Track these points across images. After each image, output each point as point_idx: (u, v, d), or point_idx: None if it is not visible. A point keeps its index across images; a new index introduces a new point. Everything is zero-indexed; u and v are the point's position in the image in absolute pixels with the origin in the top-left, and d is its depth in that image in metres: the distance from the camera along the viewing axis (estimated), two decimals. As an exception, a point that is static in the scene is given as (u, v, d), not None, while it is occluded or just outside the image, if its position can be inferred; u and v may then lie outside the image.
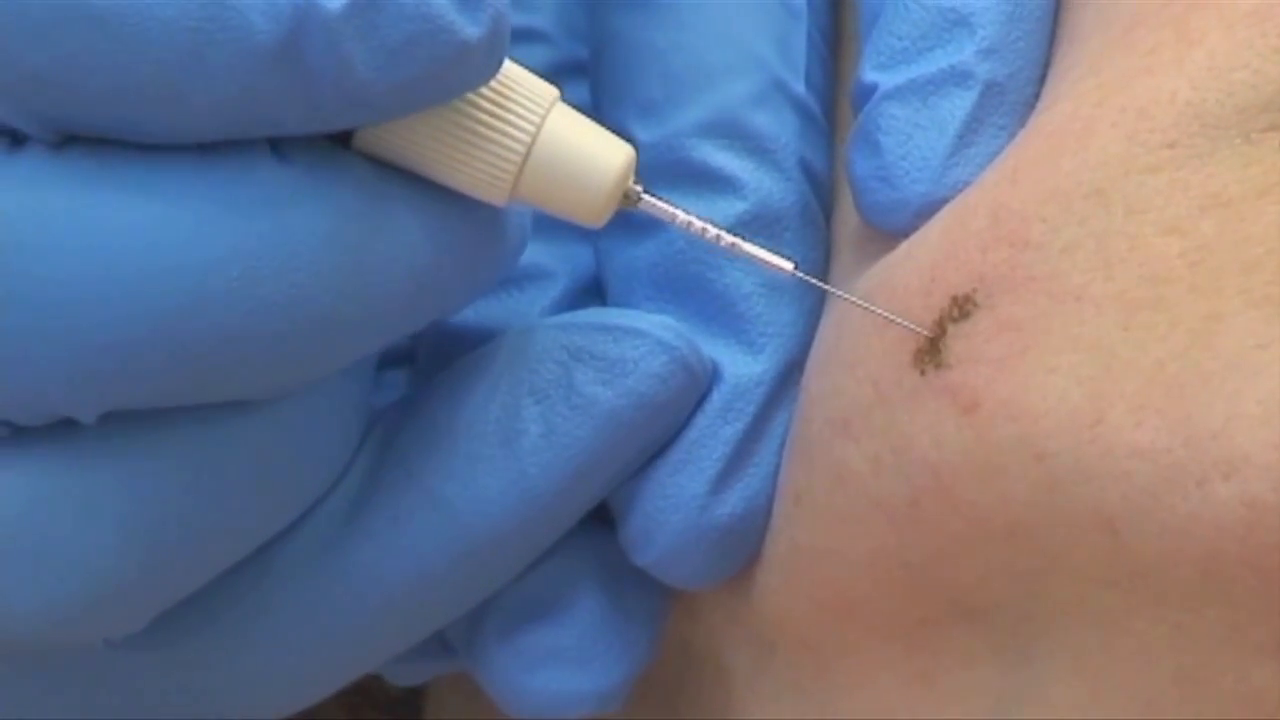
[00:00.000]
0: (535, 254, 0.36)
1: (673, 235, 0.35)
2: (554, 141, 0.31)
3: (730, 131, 0.35)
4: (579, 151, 0.31)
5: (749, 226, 0.35)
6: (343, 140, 0.30)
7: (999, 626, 0.32)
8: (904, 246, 0.33)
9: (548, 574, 0.35)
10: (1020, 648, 0.31)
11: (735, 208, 0.35)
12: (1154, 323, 0.29)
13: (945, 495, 0.31)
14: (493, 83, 0.30)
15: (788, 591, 0.34)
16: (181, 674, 0.33)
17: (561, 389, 0.33)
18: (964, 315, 0.32)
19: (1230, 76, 0.30)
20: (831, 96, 0.37)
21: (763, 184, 0.35)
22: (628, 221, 0.35)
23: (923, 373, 0.32)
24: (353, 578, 0.33)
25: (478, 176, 0.30)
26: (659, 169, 0.35)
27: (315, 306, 0.29)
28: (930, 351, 0.32)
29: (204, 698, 0.34)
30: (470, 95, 0.30)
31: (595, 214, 0.31)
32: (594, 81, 0.37)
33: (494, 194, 0.31)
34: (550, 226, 0.36)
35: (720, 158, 0.35)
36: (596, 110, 0.37)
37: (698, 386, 0.34)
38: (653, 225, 0.35)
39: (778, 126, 0.35)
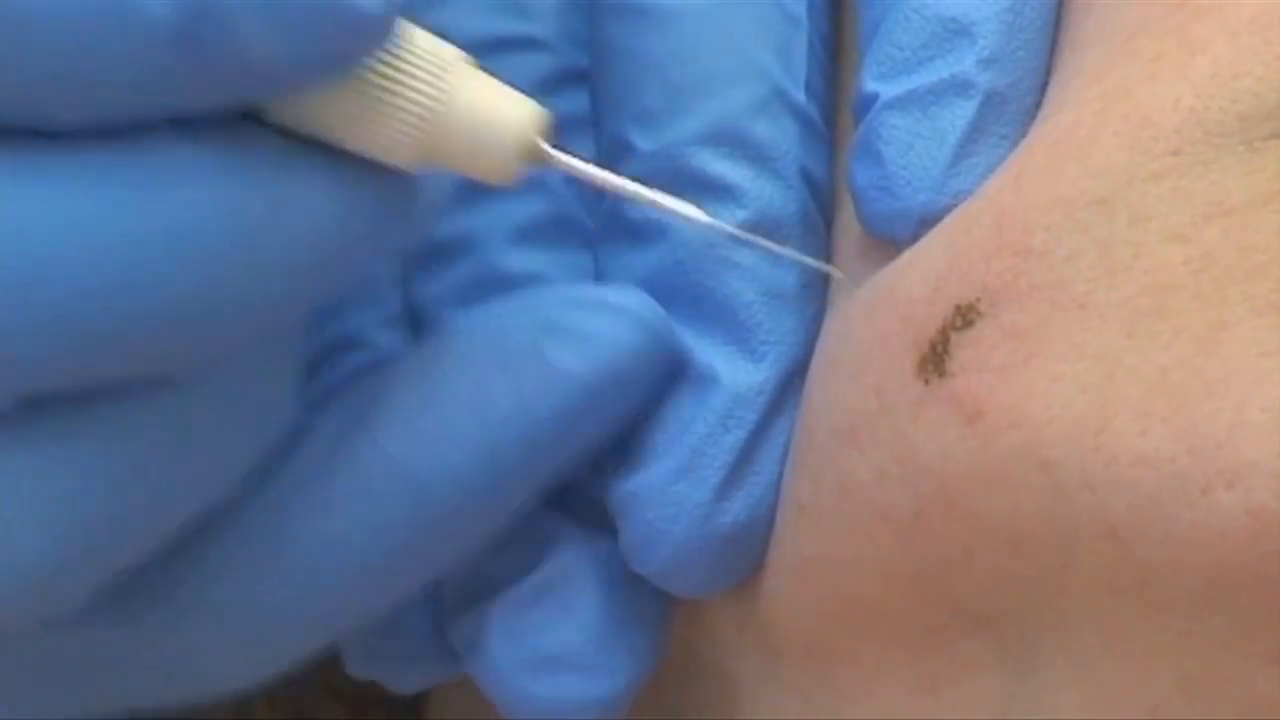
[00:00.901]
0: (534, 262, 0.36)
1: (674, 244, 0.35)
2: (458, 104, 0.31)
3: (730, 140, 0.35)
4: (484, 113, 0.31)
5: (751, 234, 0.35)
6: (252, 114, 0.30)
7: (1004, 634, 0.32)
8: (907, 255, 0.33)
9: (551, 580, 0.35)
10: (1025, 655, 0.31)
11: (736, 216, 0.35)
12: (1158, 330, 0.29)
13: (950, 505, 0.31)
14: (395, 49, 0.30)
15: (793, 599, 0.34)
16: (146, 647, 0.33)
17: (532, 360, 0.33)
18: (967, 324, 0.31)
19: (1234, 84, 0.30)
20: (832, 105, 0.37)
21: (763, 192, 0.35)
22: (628, 229, 0.35)
23: (926, 382, 0.32)
24: (316, 546, 0.33)
25: (384, 143, 0.30)
26: (659, 178, 0.35)
27: (221, 283, 0.28)
28: (934, 360, 0.32)
29: (169, 669, 0.33)
30: (373, 62, 0.30)
31: (504, 174, 0.31)
32: (594, 90, 0.37)
33: (402, 159, 0.31)
34: (550, 234, 0.36)
35: (720, 166, 0.35)
36: (597, 119, 0.37)
37: (670, 361, 0.34)
38: (654, 233, 0.35)
39: (778, 135, 0.35)
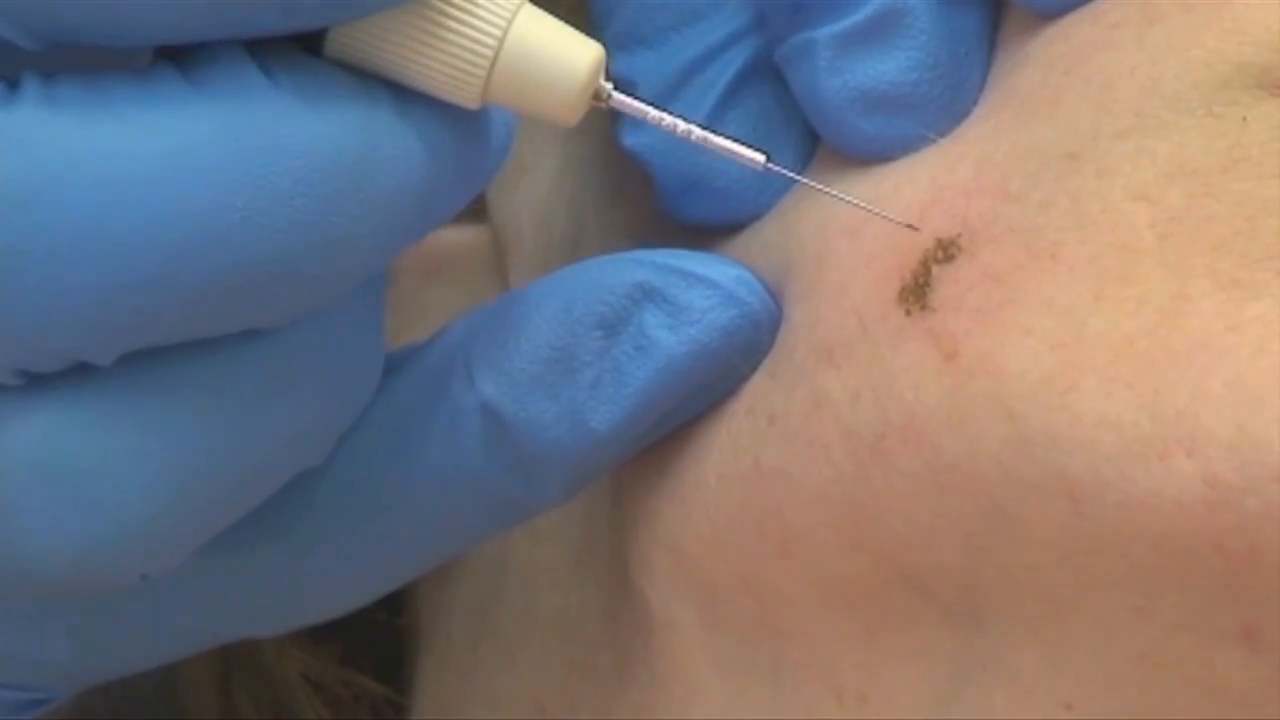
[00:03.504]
0: None
1: None
2: (522, 42, 0.31)
3: None
4: (548, 52, 0.31)
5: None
6: (314, 50, 0.30)
7: (941, 592, 0.31)
8: (890, 182, 0.33)
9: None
10: (969, 615, 0.31)
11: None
12: (1124, 297, 0.29)
13: (914, 435, 0.31)
14: None
15: (736, 512, 0.34)
16: (239, 583, 0.34)
17: (630, 326, 0.33)
18: (949, 258, 0.31)
19: (1187, 54, 0.30)
20: None
21: None
22: None
23: (908, 312, 0.31)
24: (412, 477, 0.34)
25: (449, 78, 0.30)
26: None
27: (323, 229, 0.29)
28: (915, 291, 0.32)
29: (261, 606, 0.34)
30: None
31: (567, 114, 0.31)
32: None
33: (465, 96, 0.31)
34: None
35: None
36: None
37: (764, 341, 0.34)
38: None
39: None
